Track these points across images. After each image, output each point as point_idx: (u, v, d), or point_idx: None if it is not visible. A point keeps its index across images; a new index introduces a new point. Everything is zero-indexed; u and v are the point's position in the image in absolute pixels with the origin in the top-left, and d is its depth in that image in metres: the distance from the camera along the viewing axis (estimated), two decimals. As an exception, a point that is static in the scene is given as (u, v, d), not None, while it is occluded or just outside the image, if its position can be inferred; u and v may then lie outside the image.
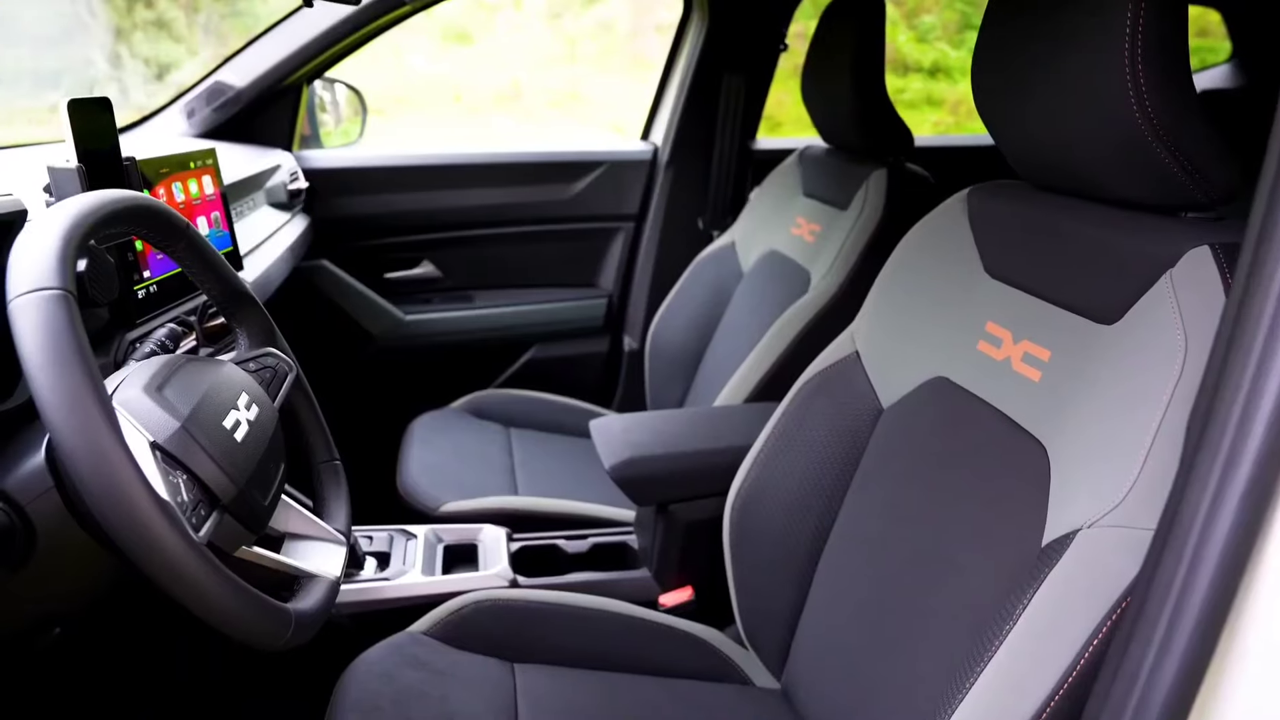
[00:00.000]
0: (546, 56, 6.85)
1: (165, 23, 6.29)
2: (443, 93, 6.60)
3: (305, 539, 0.89)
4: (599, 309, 2.23)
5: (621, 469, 1.27)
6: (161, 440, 0.71)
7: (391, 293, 2.09)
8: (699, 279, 1.89)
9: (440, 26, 7.17)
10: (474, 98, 6.65)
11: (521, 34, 7.18)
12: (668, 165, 2.15)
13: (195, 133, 1.80)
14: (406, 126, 6.21)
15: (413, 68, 6.98)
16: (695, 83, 2.07)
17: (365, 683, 1.03)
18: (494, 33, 7.32)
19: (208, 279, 0.91)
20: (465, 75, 6.80)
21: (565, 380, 2.17)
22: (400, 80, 6.86)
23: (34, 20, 6.02)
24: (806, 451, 1.11)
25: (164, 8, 6.29)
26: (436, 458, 1.68)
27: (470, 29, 7.10)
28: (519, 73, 6.68)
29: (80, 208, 0.70)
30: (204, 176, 1.23)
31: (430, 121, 6.23)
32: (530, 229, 2.16)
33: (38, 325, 0.61)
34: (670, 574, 1.35)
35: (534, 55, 6.88)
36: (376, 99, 6.49)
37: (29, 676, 1.00)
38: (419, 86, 6.71)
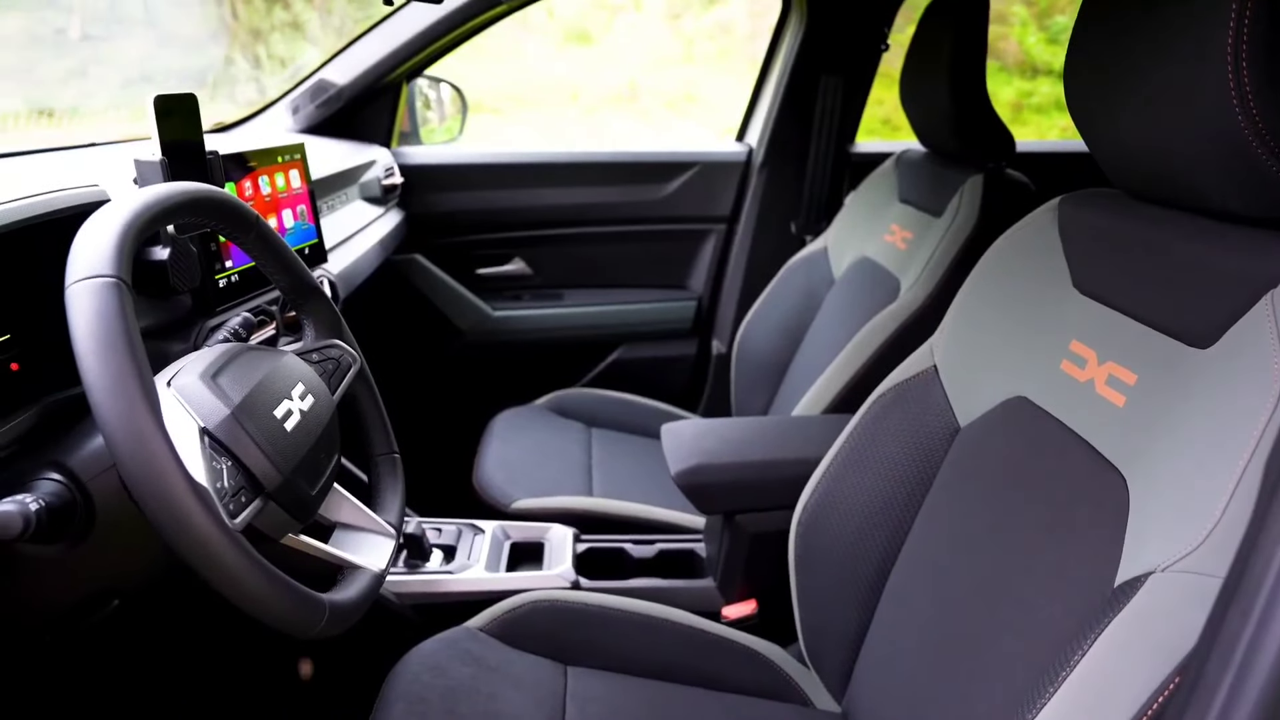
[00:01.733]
0: (664, 57, 6.88)
1: (300, 24, 6.60)
2: (560, 92, 6.71)
3: (355, 530, 0.90)
4: (688, 311, 2.21)
5: (687, 475, 1.24)
6: (210, 426, 0.73)
7: (482, 289, 2.12)
8: (789, 284, 1.84)
9: (562, 27, 7.29)
10: (590, 97, 6.73)
11: (640, 34, 7.23)
12: (762, 167, 2.11)
13: (299, 128, 1.87)
14: (522, 125, 6.34)
15: (532, 67, 7.12)
16: (792, 84, 2.02)
17: (416, 675, 1.04)
18: (613, 33, 7.39)
19: (276, 271, 0.93)
20: (583, 75, 6.89)
21: (651, 382, 2.15)
22: (519, 79, 7.01)
23: (184, 22, 6.43)
24: (878, 468, 1.07)
25: (299, 10, 6.61)
26: (514, 454, 1.69)
27: (591, 29, 7.19)
28: (636, 73, 6.72)
29: (142, 199, 0.72)
30: (291, 170, 1.27)
31: (546, 120, 6.34)
32: (622, 229, 2.16)
33: (89, 311, 0.64)
34: (734, 586, 1.31)
35: (652, 56, 6.91)
36: (495, 98, 6.62)
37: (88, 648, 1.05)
38: (537, 86, 6.83)
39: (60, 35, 6.00)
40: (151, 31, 6.63)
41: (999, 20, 5.95)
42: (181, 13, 6.63)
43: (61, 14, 6.04)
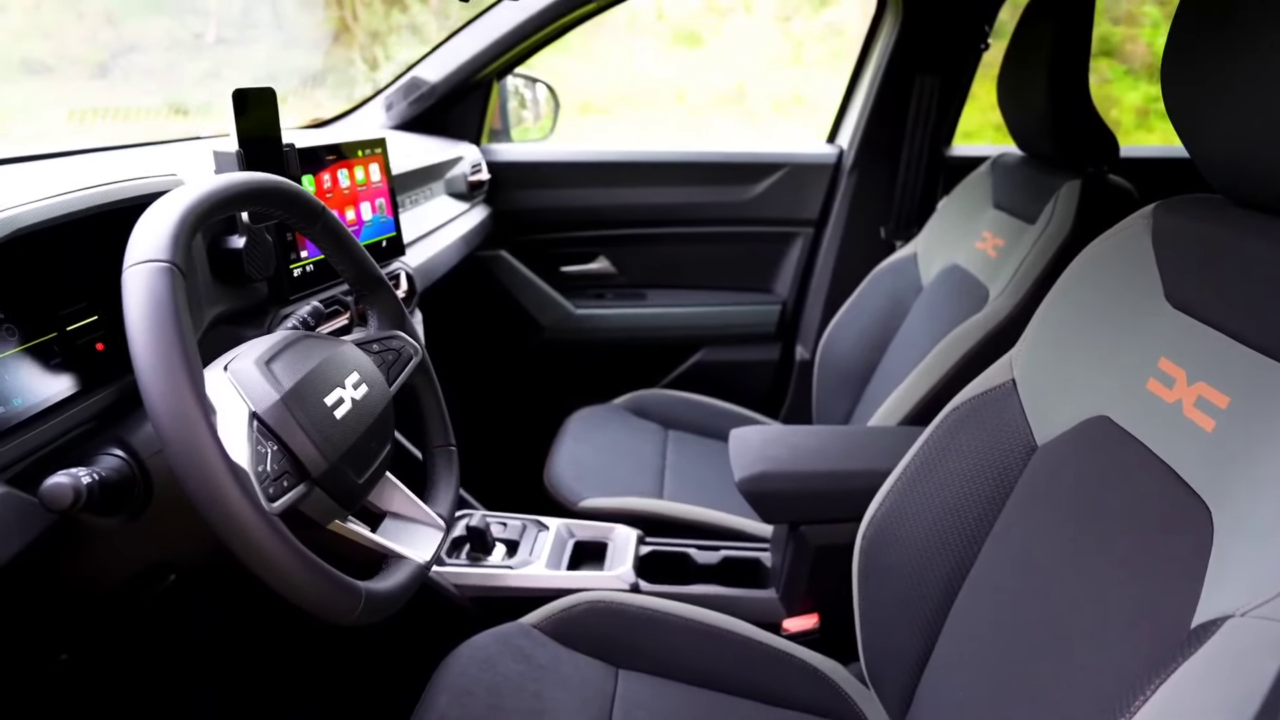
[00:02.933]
0: (773, 59, 6.81)
1: (417, 27, 6.81)
2: (668, 93, 6.73)
3: (405, 520, 0.91)
4: (772, 315, 2.17)
5: (751, 482, 1.21)
6: (260, 410, 0.74)
7: (565, 286, 2.13)
8: (876, 290, 1.78)
9: (671, 29, 7.30)
10: (698, 99, 6.73)
11: (750, 36, 7.18)
12: (852, 170, 2.05)
13: (392, 124, 1.91)
14: (628, 125, 6.38)
15: (642, 69, 7.16)
16: (886, 84, 1.96)
17: (465, 667, 1.04)
18: (723, 35, 7.37)
19: (342, 261, 0.95)
20: (691, 76, 6.89)
21: (732, 386, 2.12)
22: (629, 80, 7.05)
23: (309, 25, 6.72)
24: (948, 484, 1.01)
25: (416, 12, 6.82)
26: (587, 452, 1.68)
27: (700, 31, 7.19)
28: (744, 75, 6.68)
29: (202, 189, 0.74)
30: (372, 164, 1.29)
31: (652, 121, 6.37)
32: (707, 230, 2.13)
33: (141, 294, 0.66)
34: (797, 598, 1.27)
35: (761, 58, 6.86)
36: (604, 98, 6.68)
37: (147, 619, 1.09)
38: (645, 86, 6.87)
39: (198, 39, 6.36)
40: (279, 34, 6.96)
41: (1128, 20, 5.64)
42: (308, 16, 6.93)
43: (201, 19, 6.40)
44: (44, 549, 0.74)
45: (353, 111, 1.92)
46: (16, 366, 0.82)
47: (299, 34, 6.77)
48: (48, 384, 0.83)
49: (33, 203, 0.77)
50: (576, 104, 6.69)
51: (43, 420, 0.81)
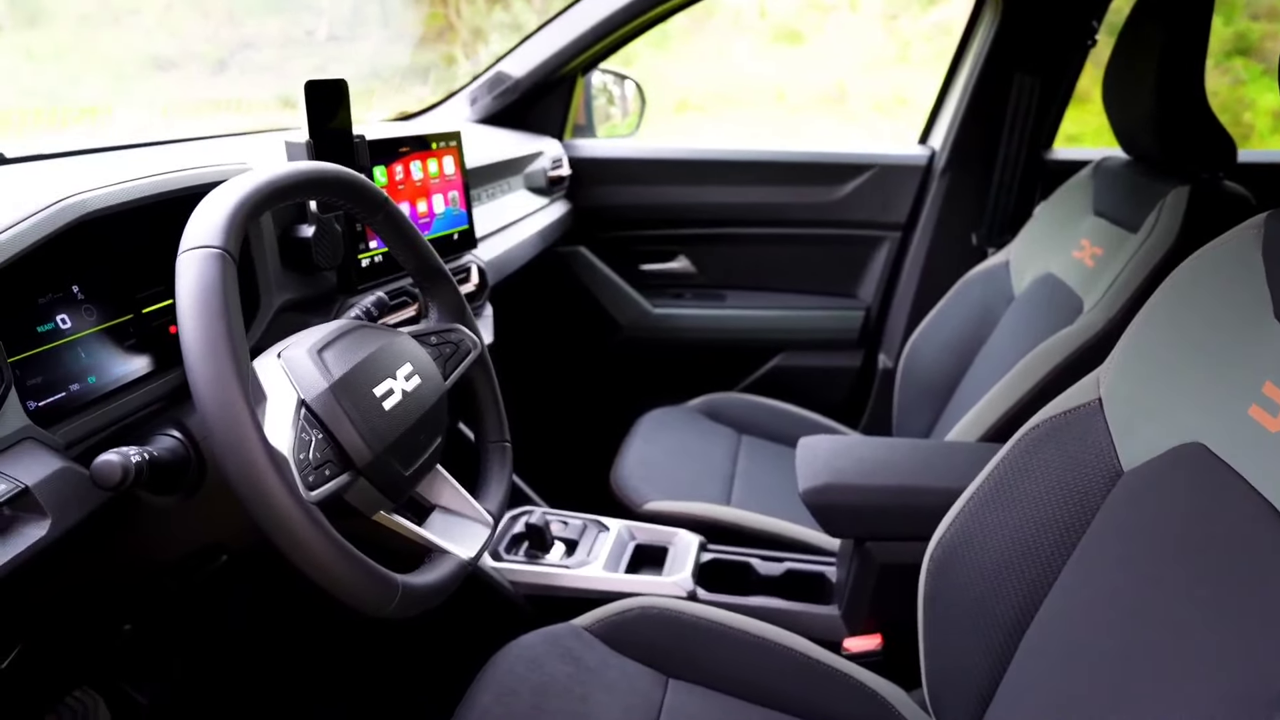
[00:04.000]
0: (877, 58, 6.66)
1: (520, 25, 6.92)
2: (767, 92, 6.66)
3: (453, 514, 0.90)
4: (855, 321, 2.10)
5: (815, 493, 1.17)
6: (308, 398, 0.75)
7: (644, 285, 2.11)
8: (965, 299, 1.71)
9: (772, 27, 7.22)
10: (797, 98, 6.64)
11: (853, 35, 7.04)
12: (944, 172, 1.96)
13: (476, 119, 1.93)
14: (725, 124, 6.34)
15: (741, 67, 7.10)
16: (982, 83, 1.87)
17: (512, 666, 1.03)
18: (825, 33, 7.24)
19: (402, 252, 0.95)
20: (791, 75, 6.80)
21: (811, 393, 2.06)
22: (728, 79, 7.00)
23: (414, 21, 6.91)
24: (1023, 507, 0.95)
25: (519, 10, 6.93)
26: (656, 454, 1.66)
27: (801, 29, 7.08)
28: (845, 74, 6.56)
29: (259, 178, 0.75)
30: (445, 157, 1.30)
31: (749, 120, 6.31)
32: (790, 231, 2.08)
33: (191, 279, 0.66)
34: (860, 617, 1.22)
35: (864, 57, 6.72)
36: (702, 96, 6.65)
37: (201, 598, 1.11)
38: (744, 85, 6.81)
39: (310, 36, 6.60)
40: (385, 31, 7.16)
41: (1269, 16, 5.28)
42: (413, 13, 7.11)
43: (313, 16, 6.64)
44: (103, 523, 0.76)
45: (438, 105, 1.94)
46: (93, 346, 0.85)
47: (404, 31, 6.96)
48: (121, 364, 0.85)
49: (101, 188, 0.79)
50: (674, 102, 6.67)
51: (113, 399, 0.83)
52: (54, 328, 0.83)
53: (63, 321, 0.84)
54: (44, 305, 0.82)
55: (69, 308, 0.84)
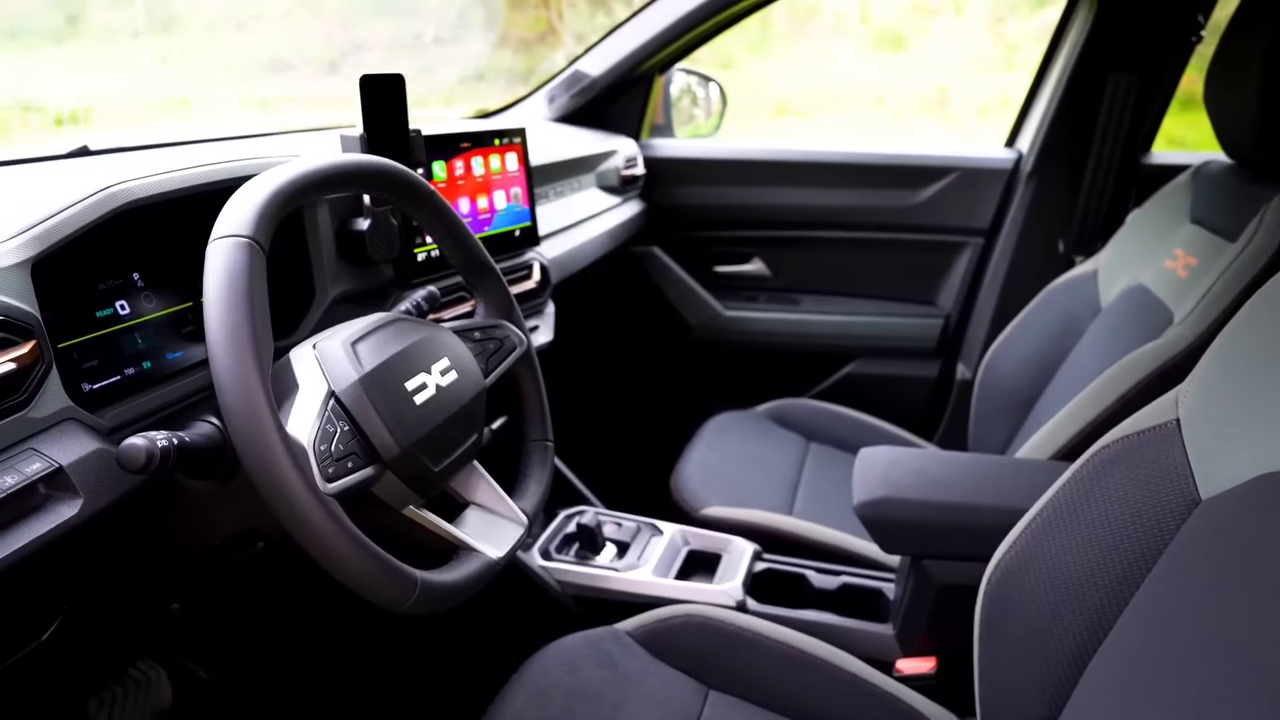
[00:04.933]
0: (982, 63, 6.46)
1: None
2: (867, 97, 6.54)
3: (486, 512, 0.89)
4: (933, 329, 2.02)
5: (870, 507, 1.12)
6: (338, 390, 0.75)
7: (717, 286, 2.08)
8: (1048, 309, 1.62)
9: (874, 31, 7.08)
10: (897, 103, 6.50)
11: (958, 39, 6.85)
12: (1030, 176, 1.87)
13: (553, 117, 1.93)
14: (822, 127, 6.25)
15: (841, 71, 6.99)
16: (1074, 83, 1.77)
17: (548, 668, 1.02)
18: (928, 37, 7.06)
19: (449, 246, 0.95)
20: (892, 80, 6.67)
21: (885, 402, 2.00)
22: (828, 83, 6.90)
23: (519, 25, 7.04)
24: (1090, 532, 0.89)
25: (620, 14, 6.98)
26: (718, 459, 1.63)
27: (904, 33, 6.92)
28: (948, 79, 6.39)
29: (296, 169, 0.75)
30: (509, 154, 1.30)
31: (847, 124, 6.20)
32: (868, 235, 2.02)
33: (219, 267, 0.67)
34: (914, 638, 1.17)
35: (968, 61, 6.53)
36: (802, 100, 6.59)
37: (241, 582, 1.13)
38: (844, 89, 6.70)
39: (417, 39, 6.81)
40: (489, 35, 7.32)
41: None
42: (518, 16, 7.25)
43: (421, 20, 6.85)
44: (144, 504, 0.78)
45: (517, 103, 1.96)
46: (150, 332, 0.87)
47: (509, 34, 7.10)
48: (176, 351, 0.88)
49: (143, 178, 0.82)
50: (772, 105, 6.61)
51: (165, 384, 0.86)
52: (112, 313, 0.86)
53: (121, 307, 0.87)
54: (104, 291, 0.85)
55: (129, 294, 0.87)
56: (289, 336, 1.00)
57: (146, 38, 5.73)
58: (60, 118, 3.02)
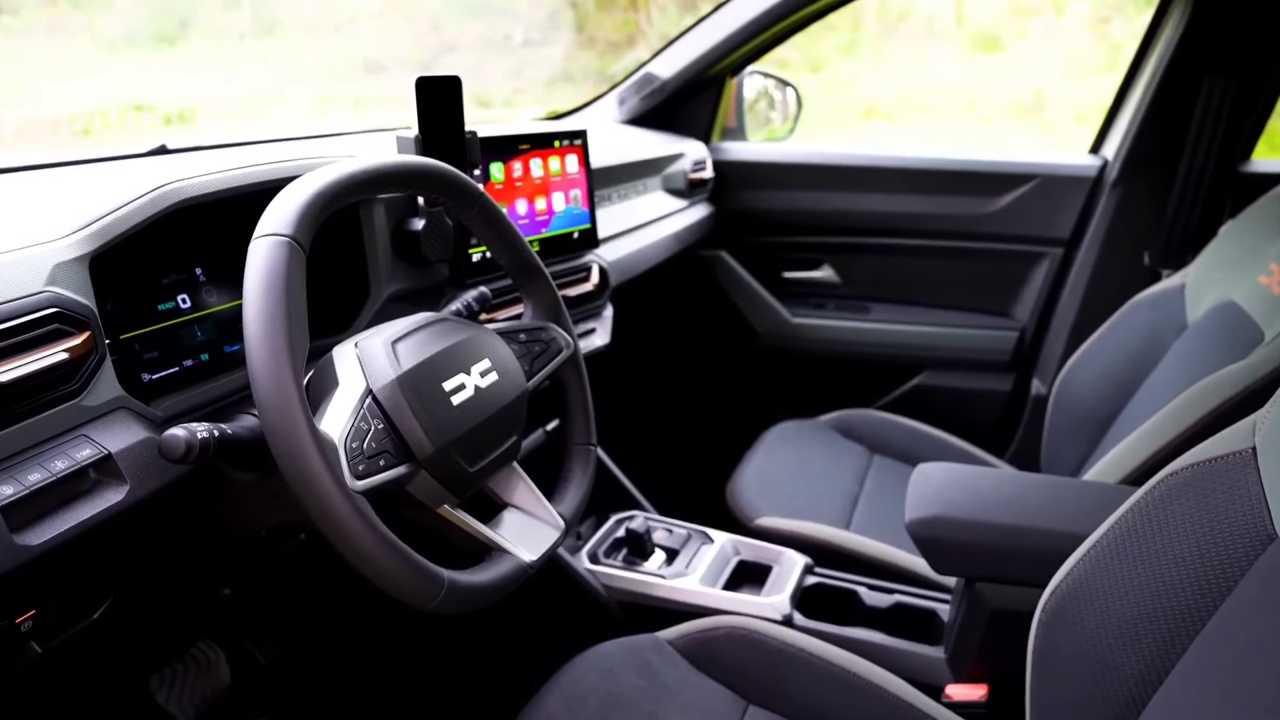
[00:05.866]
0: (1082, 65, 6.24)
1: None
2: (957, 100, 6.39)
3: (524, 514, 0.89)
4: (1007, 342, 1.95)
5: (922, 525, 1.08)
6: (375, 388, 0.76)
7: (784, 293, 2.05)
8: (1130, 324, 1.55)
9: (969, 34, 6.91)
10: (989, 107, 6.33)
11: (1057, 41, 6.64)
12: (1116, 184, 1.79)
13: (623, 119, 1.93)
14: (909, 132, 6.13)
15: (933, 74, 6.85)
16: (1165, 87, 1.68)
17: (585, 673, 1.02)
18: (1026, 39, 6.86)
19: (497, 248, 0.95)
20: (985, 83, 6.50)
21: (955, 416, 1.93)
22: (918, 86, 6.77)
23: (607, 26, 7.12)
24: (1154, 563, 0.84)
25: (710, 19, 7.01)
26: (777, 468, 1.60)
27: (1001, 35, 6.73)
28: (1045, 82, 6.19)
29: (341, 170, 0.76)
30: (569, 155, 1.30)
31: (936, 129, 6.07)
32: (942, 243, 1.96)
33: (258, 264, 0.69)
34: (966, 662, 1.12)
35: (1067, 64, 6.32)
36: (890, 103, 6.48)
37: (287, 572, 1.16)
38: (936, 93, 6.56)
39: (507, 40, 6.94)
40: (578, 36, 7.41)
41: None
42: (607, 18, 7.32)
43: (510, 21, 6.98)
44: (192, 492, 0.80)
45: (588, 105, 1.97)
46: (210, 326, 0.90)
47: (596, 36, 7.18)
48: (233, 344, 0.90)
49: (196, 177, 0.84)
50: (860, 109, 6.51)
51: (221, 377, 0.89)
52: (173, 306, 0.89)
53: (182, 301, 0.90)
54: (167, 285, 0.88)
55: (191, 289, 0.90)
56: (342, 333, 1.02)
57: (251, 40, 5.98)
58: (170, 117, 3.17)
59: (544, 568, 1.29)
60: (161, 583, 0.88)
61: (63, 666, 0.85)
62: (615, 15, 7.30)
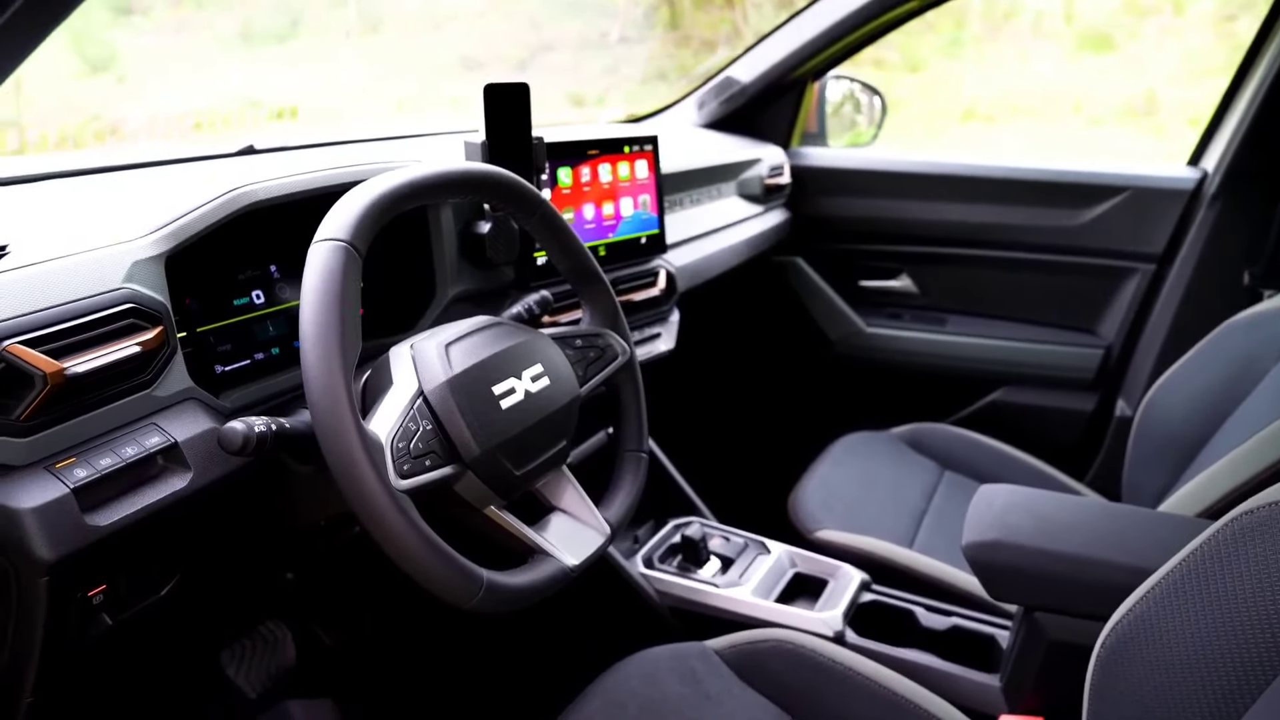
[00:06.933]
0: (1202, 66, 5.95)
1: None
2: (1063, 102, 6.17)
3: (571, 518, 0.90)
4: (1092, 360, 1.87)
5: (979, 549, 1.05)
6: (426, 390, 0.78)
7: (860, 301, 2.02)
8: (1226, 346, 1.47)
9: (1077, 33, 6.66)
10: (1097, 109, 6.10)
11: (1175, 41, 6.35)
12: (1215, 198, 1.70)
13: (702, 123, 1.93)
14: (1009, 135, 5.94)
15: (1036, 74, 6.63)
16: (1274, 95, 1.59)
17: (628, 678, 1.03)
18: (1140, 39, 6.58)
19: (557, 254, 0.96)
20: (1094, 84, 6.26)
21: (1033, 435, 1.87)
22: (1021, 88, 6.57)
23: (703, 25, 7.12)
24: (1220, 606, 0.80)
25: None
26: (842, 480, 1.58)
27: (1114, 35, 6.48)
28: (1158, 84, 5.92)
29: (400, 177, 0.79)
30: (639, 161, 1.31)
31: (1038, 132, 5.87)
32: (1026, 255, 1.90)
33: (316, 268, 0.71)
34: (1022, 694, 1.09)
35: (1185, 65, 6.03)
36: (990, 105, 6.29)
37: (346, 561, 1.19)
38: (1038, 94, 6.36)
39: (603, 38, 7.01)
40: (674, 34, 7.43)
41: None
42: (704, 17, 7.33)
43: (608, 20, 7.04)
44: (255, 482, 0.84)
45: (667, 109, 1.97)
46: (283, 320, 0.94)
47: (692, 34, 7.18)
48: None
49: (266, 181, 0.88)
50: (959, 111, 6.34)
51: (289, 371, 0.92)
52: (248, 302, 0.93)
53: (257, 297, 0.94)
54: (243, 281, 0.93)
55: (265, 285, 0.95)
56: (407, 332, 1.05)
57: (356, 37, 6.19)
58: (279, 112, 3.30)
59: (598, 570, 1.31)
60: (226, 565, 0.92)
61: (135, 638, 0.90)
62: (711, 13, 7.29)
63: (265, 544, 0.96)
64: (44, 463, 0.70)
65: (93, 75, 4.09)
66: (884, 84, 2.13)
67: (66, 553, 0.68)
